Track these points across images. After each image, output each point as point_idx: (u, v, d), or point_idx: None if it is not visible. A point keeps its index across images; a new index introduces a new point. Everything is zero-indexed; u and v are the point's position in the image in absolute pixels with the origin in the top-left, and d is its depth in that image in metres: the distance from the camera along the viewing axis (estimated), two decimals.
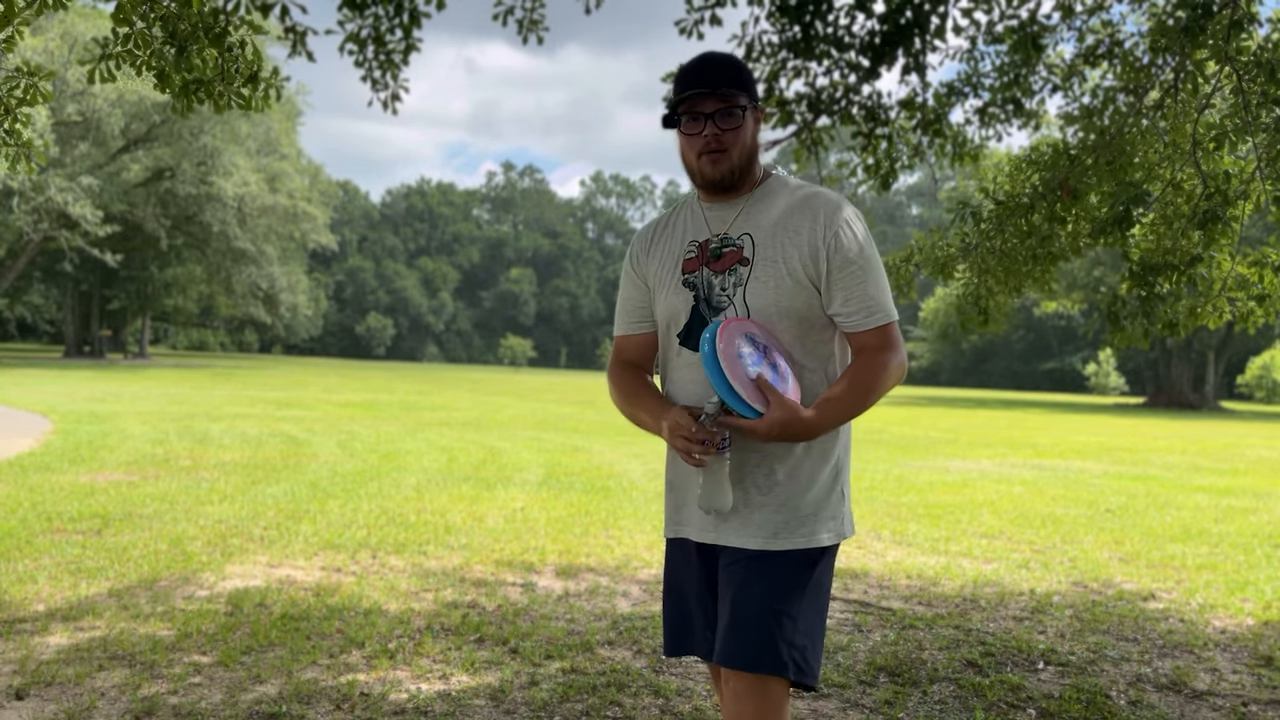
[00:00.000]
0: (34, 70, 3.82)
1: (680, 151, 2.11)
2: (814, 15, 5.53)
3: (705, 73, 2.03)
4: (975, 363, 75.68)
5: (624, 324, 2.25)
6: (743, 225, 2.08)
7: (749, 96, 2.04)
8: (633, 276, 2.23)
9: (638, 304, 2.22)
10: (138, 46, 3.72)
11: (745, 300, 2.03)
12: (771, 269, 2.03)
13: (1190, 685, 3.88)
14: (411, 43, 5.09)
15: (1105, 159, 5.19)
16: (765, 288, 2.03)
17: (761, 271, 2.03)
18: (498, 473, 9.80)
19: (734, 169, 2.05)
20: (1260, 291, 5.16)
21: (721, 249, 2.08)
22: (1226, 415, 35.80)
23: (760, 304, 2.03)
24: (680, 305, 2.11)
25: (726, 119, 2.02)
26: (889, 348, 2.06)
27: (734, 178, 2.07)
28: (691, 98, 2.02)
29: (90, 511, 6.67)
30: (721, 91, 2.01)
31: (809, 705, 3.51)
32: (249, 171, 43.29)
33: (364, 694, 3.43)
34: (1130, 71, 5.45)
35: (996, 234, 5.56)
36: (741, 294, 2.04)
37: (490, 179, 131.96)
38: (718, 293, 2.06)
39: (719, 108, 2.01)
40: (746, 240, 2.06)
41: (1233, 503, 9.58)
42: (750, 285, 2.03)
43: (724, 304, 2.05)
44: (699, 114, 2.02)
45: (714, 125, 2.02)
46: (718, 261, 2.07)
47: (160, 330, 74.88)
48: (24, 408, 16.11)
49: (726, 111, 2.01)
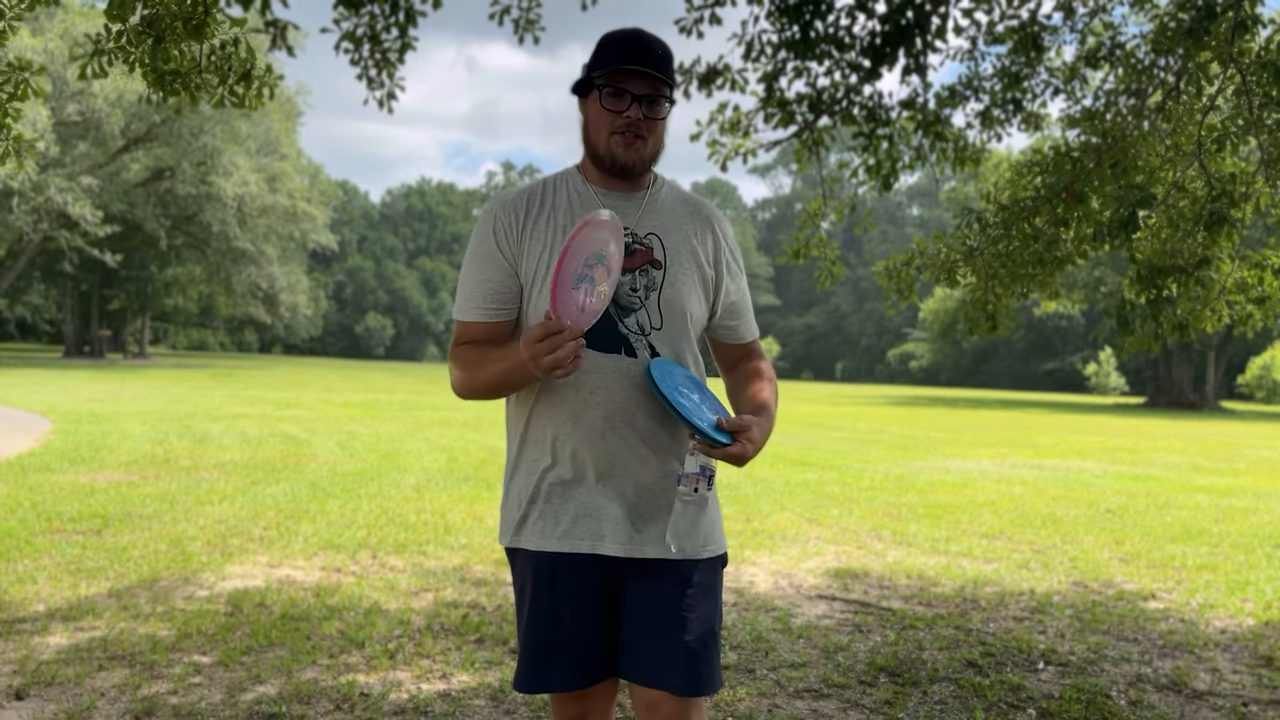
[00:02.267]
0: (24, 65, 3.80)
1: (585, 123, 1.96)
2: (814, 15, 5.53)
3: (644, 52, 1.88)
4: (975, 363, 75.67)
5: (478, 309, 1.96)
6: (647, 224, 1.97)
7: (672, 91, 1.93)
8: (496, 256, 1.95)
9: (501, 288, 1.95)
10: (130, 43, 3.72)
11: (659, 304, 1.93)
12: (684, 275, 1.96)
13: (1190, 685, 3.88)
14: (407, 41, 5.09)
15: (1108, 161, 5.19)
16: (680, 294, 1.95)
17: (675, 277, 1.95)
18: (498, 473, 9.79)
19: (644, 159, 1.94)
20: (1260, 294, 5.16)
21: (632, 245, 1.94)
22: (1227, 415, 35.80)
23: (675, 309, 1.95)
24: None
25: (653, 106, 1.89)
26: (762, 354, 2.15)
27: (641, 167, 1.95)
28: (624, 72, 1.87)
29: (90, 511, 6.67)
30: (657, 76, 1.88)
31: (809, 705, 3.51)
32: (249, 171, 43.26)
33: (364, 694, 3.43)
34: (1132, 73, 5.45)
35: (1001, 238, 5.56)
36: (656, 298, 1.93)
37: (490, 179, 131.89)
38: (626, 292, 1.91)
39: (649, 91, 1.88)
40: (655, 241, 1.96)
41: (1233, 503, 9.58)
42: (665, 289, 1.94)
43: (634, 305, 1.92)
44: (624, 91, 1.87)
45: (639, 108, 1.88)
46: (628, 257, 1.91)
47: (160, 330, 74.83)
48: (24, 408, 16.10)
49: (655, 98, 1.89)
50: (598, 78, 1.90)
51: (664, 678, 1.90)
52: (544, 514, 1.96)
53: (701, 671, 1.91)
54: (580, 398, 1.91)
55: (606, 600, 1.96)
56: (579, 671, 1.96)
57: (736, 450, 1.84)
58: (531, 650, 1.99)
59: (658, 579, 1.93)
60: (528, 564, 2.00)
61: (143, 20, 3.65)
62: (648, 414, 1.91)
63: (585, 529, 1.93)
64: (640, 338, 1.92)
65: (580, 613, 1.95)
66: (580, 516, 1.93)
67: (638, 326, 1.92)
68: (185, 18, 3.65)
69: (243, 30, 3.87)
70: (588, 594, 1.94)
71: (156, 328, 70.61)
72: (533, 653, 1.98)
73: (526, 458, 1.99)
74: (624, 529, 1.92)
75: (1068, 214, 5.34)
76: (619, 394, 1.90)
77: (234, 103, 3.96)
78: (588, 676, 1.97)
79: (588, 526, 1.93)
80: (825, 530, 7.12)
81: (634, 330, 1.92)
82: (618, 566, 1.94)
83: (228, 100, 3.95)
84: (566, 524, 1.94)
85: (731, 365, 2.14)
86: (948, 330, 49.11)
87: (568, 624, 1.95)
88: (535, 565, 1.98)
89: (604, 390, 1.90)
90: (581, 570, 1.94)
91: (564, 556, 1.94)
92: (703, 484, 1.89)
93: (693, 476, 1.88)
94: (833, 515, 7.81)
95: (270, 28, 4.58)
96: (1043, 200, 5.38)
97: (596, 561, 1.93)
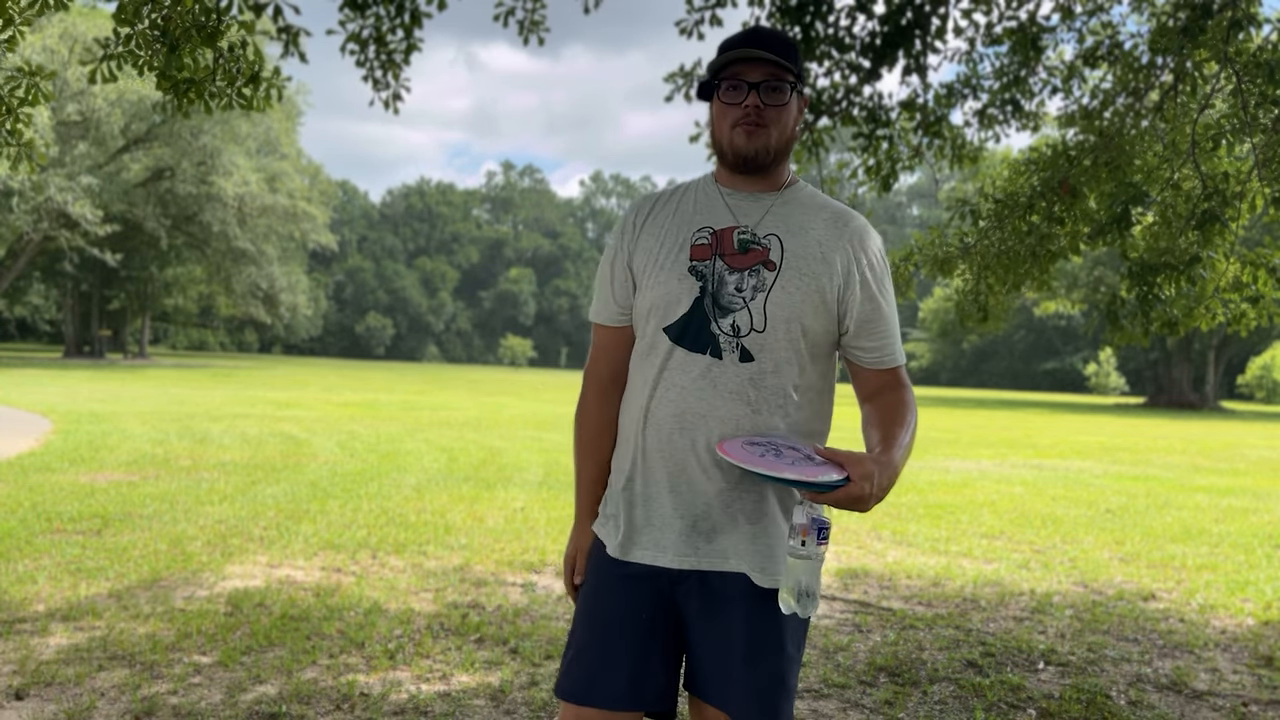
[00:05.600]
0: (35, 70, 3.83)
1: (711, 123, 1.87)
2: (814, 16, 5.54)
3: (758, 39, 1.78)
4: (975, 363, 75.70)
5: (609, 310, 1.91)
6: (770, 225, 1.82)
7: (799, 79, 1.81)
8: (620, 253, 1.89)
9: (627, 289, 1.89)
10: (139, 46, 3.74)
11: (765, 309, 1.77)
12: (800, 281, 1.78)
13: (1190, 685, 3.88)
14: (413, 42, 5.11)
15: (1104, 159, 5.20)
16: (791, 299, 1.78)
17: (789, 281, 1.78)
18: (498, 473, 9.80)
19: (769, 148, 1.80)
20: (1254, 293, 5.17)
21: (749, 244, 1.81)
22: (1227, 415, 35.80)
23: (783, 315, 1.78)
24: (680, 294, 1.80)
25: (772, 93, 1.78)
26: (908, 386, 1.89)
27: (767, 158, 1.81)
28: (738, 61, 1.77)
29: (90, 511, 6.67)
30: (772, 60, 1.77)
31: (809, 706, 3.51)
32: (249, 171, 43.29)
33: (364, 694, 3.43)
34: (1130, 72, 5.46)
35: (995, 232, 5.58)
36: (762, 300, 1.77)
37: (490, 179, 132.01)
38: (730, 291, 1.78)
39: (766, 78, 1.77)
40: (774, 242, 1.80)
41: (1233, 503, 9.58)
42: (774, 293, 1.78)
43: (735, 306, 1.78)
44: (742, 82, 1.78)
45: (757, 95, 1.77)
46: (741, 256, 1.80)
47: (160, 330, 74.85)
48: (24, 408, 16.10)
49: (774, 84, 1.77)
50: (716, 76, 1.83)
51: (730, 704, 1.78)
52: (614, 516, 1.89)
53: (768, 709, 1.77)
54: (657, 394, 1.82)
55: (661, 619, 1.82)
56: (608, 690, 1.81)
57: (844, 494, 1.63)
58: (574, 652, 1.89)
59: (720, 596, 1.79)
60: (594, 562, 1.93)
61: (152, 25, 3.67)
62: (720, 420, 1.77)
63: (649, 539, 1.83)
64: (732, 339, 1.78)
65: (632, 632, 1.82)
66: (645, 525, 1.84)
67: (732, 328, 1.78)
68: (199, 26, 3.67)
69: (250, 33, 3.89)
70: (639, 611, 1.82)
71: (156, 328, 70.62)
72: (574, 655, 1.88)
73: (616, 454, 1.95)
74: (687, 541, 1.80)
75: (1063, 210, 5.35)
76: (691, 395, 1.78)
77: (242, 104, 3.98)
78: (615, 698, 1.81)
79: (650, 536, 1.83)
80: None
81: (727, 331, 1.79)
82: (678, 581, 1.81)
83: (236, 102, 3.97)
84: (631, 530, 1.85)
85: (869, 395, 1.91)
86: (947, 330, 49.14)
87: (613, 636, 1.83)
88: (600, 574, 1.90)
89: (678, 389, 1.79)
90: (639, 582, 1.83)
91: (624, 564, 1.85)
92: (811, 537, 1.66)
93: (799, 528, 1.67)
94: (833, 515, 7.81)
95: (282, 34, 4.61)
96: (1038, 196, 5.39)
97: (655, 574, 1.82)
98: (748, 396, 1.77)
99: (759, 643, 1.78)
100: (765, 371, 1.78)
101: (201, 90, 3.85)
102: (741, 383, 1.77)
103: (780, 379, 1.79)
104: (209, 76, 3.84)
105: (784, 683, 1.78)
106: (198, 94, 3.85)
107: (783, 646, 1.79)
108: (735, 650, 1.78)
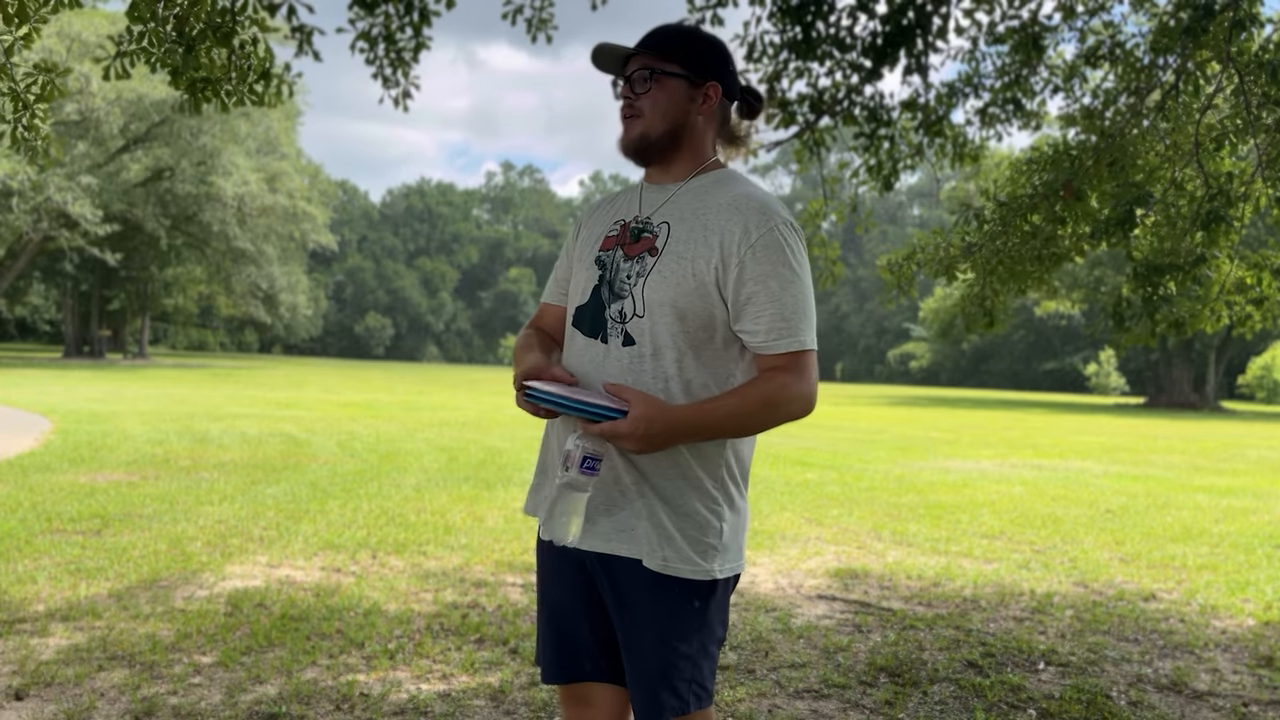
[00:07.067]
0: (51, 67, 3.84)
1: None
2: (815, 16, 5.53)
3: (614, 44, 1.95)
4: (975, 363, 75.68)
5: (550, 291, 2.12)
6: (666, 213, 1.91)
7: (683, 65, 1.90)
8: (568, 245, 2.10)
9: (565, 274, 2.08)
10: (151, 44, 3.75)
11: (643, 293, 1.85)
12: (676, 265, 1.83)
13: (1191, 686, 3.88)
14: (422, 40, 5.14)
15: (1106, 160, 5.20)
16: (665, 283, 1.83)
17: (665, 266, 1.84)
18: (498, 473, 9.79)
19: (645, 135, 1.90)
20: (1258, 295, 5.17)
21: (641, 232, 1.91)
22: (1227, 415, 35.80)
23: (657, 299, 1.83)
24: (587, 283, 1.93)
25: (637, 82, 1.90)
26: (796, 372, 1.81)
27: (645, 144, 1.91)
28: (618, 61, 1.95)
29: (90, 511, 6.67)
30: (635, 53, 1.92)
31: (809, 706, 3.51)
32: (249, 171, 43.27)
33: (364, 694, 3.43)
34: (1131, 72, 5.46)
35: (1000, 234, 5.58)
36: (641, 286, 1.85)
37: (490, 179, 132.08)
38: (622, 278, 1.88)
39: (632, 69, 1.91)
40: (664, 229, 1.88)
41: (1233, 503, 9.58)
42: (651, 278, 1.85)
43: (623, 293, 1.87)
44: (615, 82, 1.97)
45: (629, 88, 1.91)
46: (634, 244, 1.90)
47: (160, 330, 74.86)
48: (24, 408, 16.10)
49: (637, 74, 1.90)
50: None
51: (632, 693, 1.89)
52: (539, 498, 2.02)
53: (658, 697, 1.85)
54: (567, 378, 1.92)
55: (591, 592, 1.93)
56: (563, 665, 1.98)
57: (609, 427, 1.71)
58: (538, 634, 2.05)
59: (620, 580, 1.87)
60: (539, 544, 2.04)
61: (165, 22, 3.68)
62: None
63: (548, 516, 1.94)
64: (619, 325, 1.86)
65: (564, 601, 1.97)
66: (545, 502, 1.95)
67: (619, 314, 1.87)
68: (215, 26, 3.69)
69: (266, 32, 3.91)
70: (570, 583, 1.95)
71: (156, 328, 70.65)
72: (538, 637, 2.05)
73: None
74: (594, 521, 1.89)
75: (1065, 211, 5.35)
76: (582, 378, 1.88)
77: (254, 101, 4.00)
78: (570, 671, 1.97)
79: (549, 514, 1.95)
80: (825, 530, 7.12)
81: (615, 317, 1.88)
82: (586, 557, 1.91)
83: (248, 99, 3.99)
84: (541, 507, 1.98)
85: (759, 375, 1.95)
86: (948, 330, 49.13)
87: (554, 611, 1.99)
88: (539, 551, 2.04)
89: (579, 375, 1.89)
90: (563, 561, 1.95)
91: (547, 545, 1.98)
92: (574, 466, 1.74)
93: (566, 454, 1.75)
94: (833, 515, 7.81)
95: (296, 33, 4.64)
96: (1041, 197, 5.39)
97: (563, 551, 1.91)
98: (628, 380, 1.83)
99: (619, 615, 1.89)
100: (644, 355, 1.84)
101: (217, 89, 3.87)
102: (623, 367, 1.85)
103: (660, 363, 1.84)
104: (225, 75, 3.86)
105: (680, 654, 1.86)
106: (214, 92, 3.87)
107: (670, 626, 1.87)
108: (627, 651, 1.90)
